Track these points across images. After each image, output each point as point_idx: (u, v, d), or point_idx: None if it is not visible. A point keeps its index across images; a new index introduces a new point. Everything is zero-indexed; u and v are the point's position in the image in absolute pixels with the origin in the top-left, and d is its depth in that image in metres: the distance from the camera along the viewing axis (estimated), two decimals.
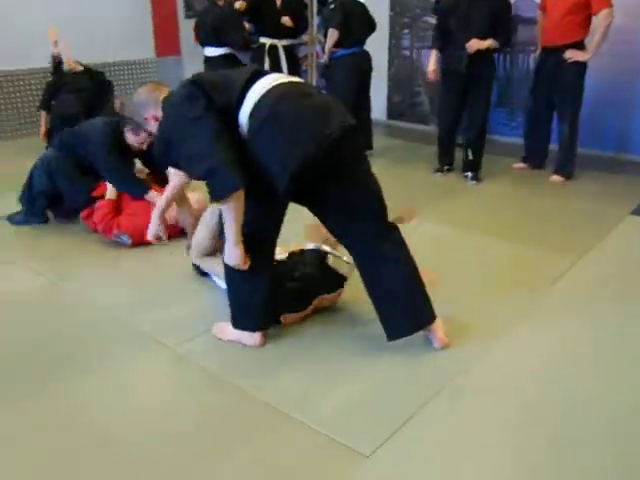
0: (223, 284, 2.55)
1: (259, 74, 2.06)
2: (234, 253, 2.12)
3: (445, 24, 4.33)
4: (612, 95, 4.95)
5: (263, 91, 1.98)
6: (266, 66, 5.45)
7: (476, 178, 4.54)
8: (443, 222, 3.66)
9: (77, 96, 4.87)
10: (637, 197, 4.08)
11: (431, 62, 4.47)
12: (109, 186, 3.43)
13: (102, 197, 3.43)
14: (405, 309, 2.22)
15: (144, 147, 3.52)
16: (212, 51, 4.74)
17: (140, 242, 3.29)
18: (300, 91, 2.05)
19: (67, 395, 2.07)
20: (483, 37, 4.18)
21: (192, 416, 1.97)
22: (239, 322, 2.34)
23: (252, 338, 2.34)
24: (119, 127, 3.49)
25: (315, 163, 1.94)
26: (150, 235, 2.61)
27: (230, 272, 2.23)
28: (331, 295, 2.56)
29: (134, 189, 3.44)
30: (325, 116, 1.98)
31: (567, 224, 3.68)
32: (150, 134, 2.69)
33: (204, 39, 4.82)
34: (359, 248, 2.23)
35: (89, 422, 1.94)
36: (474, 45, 4.17)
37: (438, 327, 2.29)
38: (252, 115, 1.96)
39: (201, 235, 2.79)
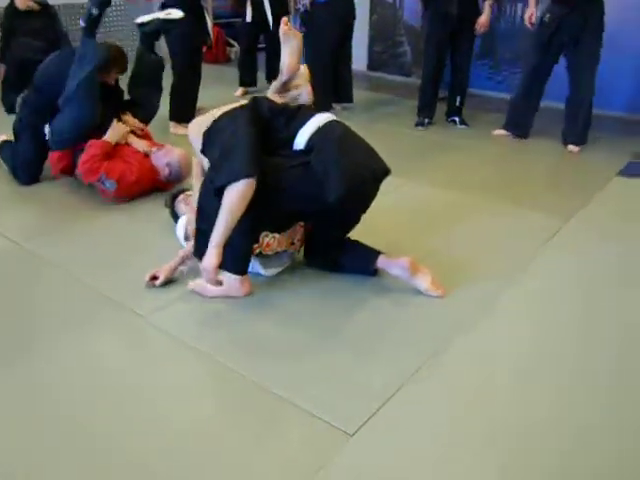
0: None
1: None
2: (212, 260, 2.13)
3: None
4: None
5: (328, 119, 2.28)
6: (248, 13, 5.18)
7: (464, 122, 4.65)
8: (427, 181, 3.55)
9: (34, 38, 4.55)
10: (623, 157, 4.02)
11: None
12: (111, 129, 3.23)
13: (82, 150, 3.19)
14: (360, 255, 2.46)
15: (112, 82, 3.35)
16: None
17: (123, 194, 3.15)
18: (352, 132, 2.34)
19: (31, 369, 1.95)
20: None
21: (167, 392, 1.86)
22: (230, 267, 2.25)
23: (242, 286, 2.29)
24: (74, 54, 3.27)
25: (360, 191, 2.26)
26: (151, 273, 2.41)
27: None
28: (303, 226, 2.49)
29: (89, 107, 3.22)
30: (375, 154, 2.32)
31: (554, 184, 3.63)
32: None
33: None
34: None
35: (54, 400, 1.82)
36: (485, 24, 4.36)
37: (424, 276, 2.34)
38: (315, 134, 2.20)
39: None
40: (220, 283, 2.26)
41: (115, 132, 3.26)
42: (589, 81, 3.97)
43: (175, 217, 2.79)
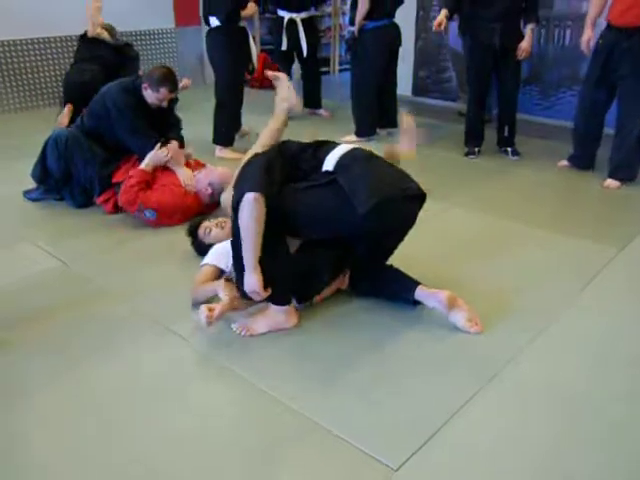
0: None
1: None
2: (252, 280, 2.11)
3: None
4: None
5: (350, 146, 2.30)
6: (284, 41, 5.23)
7: (517, 153, 4.49)
8: (473, 207, 3.48)
9: (96, 64, 4.68)
10: None
11: (441, 15, 4.13)
12: (148, 156, 3.31)
13: (120, 183, 3.29)
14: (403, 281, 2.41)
15: (164, 104, 3.41)
16: (212, 21, 4.23)
17: (166, 220, 3.18)
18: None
19: (71, 388, 1.96)
20: (516, 10, 4.10)
21: (205, 417, 1.84)
22: (279, 300, 2.24)
23: (288, 318, 2.27)
24: (135, 85, 3.38)
25: (391, 208, 2.16)
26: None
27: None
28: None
29: (144, 144, 3.36)
30: (406, 176, 2.29)
31: (606, 212, 3.49)
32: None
33: (207, 8, 4.27)
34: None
35: (90, 419, 1.82)
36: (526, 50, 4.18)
37: (461, 312, 2.25)
38: (343, 157, 2.21)
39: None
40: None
41: (152, 160, 3.32)
42: (638, 113, 3.72)
43: (199, 247, 2.76)
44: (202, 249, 2.75)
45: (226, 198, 2.49)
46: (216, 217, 2.84)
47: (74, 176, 3.42)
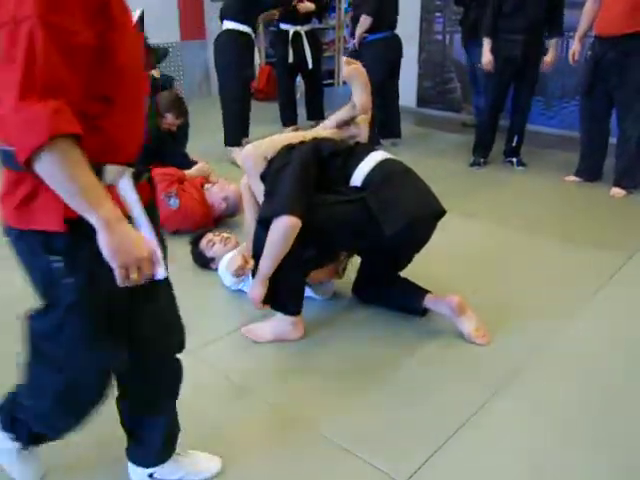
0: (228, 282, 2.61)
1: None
2: (257, 292, 2.16)
3: (500, 10, 4.04)
4: None
5: (385, 156, 2.27)
6: (290, 54, 5.25)
7: (522, 163, 4.48)
8: (480, 218, 3.48)
9: None
10: None
11: (487, 52, 4.14)
12: (195, 167, 3.53)
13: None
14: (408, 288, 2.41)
15: (173, 129, 3.50)
16: (225, 24, 4.34)
17: (171, 222, 3.16)
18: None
19: None
20: (539, 22, 4.08)
21: (213, 431, 1.83)
22: (288, 308, 2.23)
23: (295, 329, 2.25)
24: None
25: (416, 227, 2.19)
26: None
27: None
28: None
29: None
30: (430, 192, 2.28)
31: (613, 221, 3.48)
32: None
33: (225, 10, 4.41)
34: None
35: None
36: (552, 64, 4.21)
37: (469, 320, 2.24)
38: (371, 172, 2.18)
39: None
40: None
41: (198, 171, 3.46)
42: (635, 119, 3.71)
43: (198, 257, 2.79)
44: (200, 260, 2.78)
45: (244, 184, 2.44)
46: (221, 232, 2.87)
47: None
